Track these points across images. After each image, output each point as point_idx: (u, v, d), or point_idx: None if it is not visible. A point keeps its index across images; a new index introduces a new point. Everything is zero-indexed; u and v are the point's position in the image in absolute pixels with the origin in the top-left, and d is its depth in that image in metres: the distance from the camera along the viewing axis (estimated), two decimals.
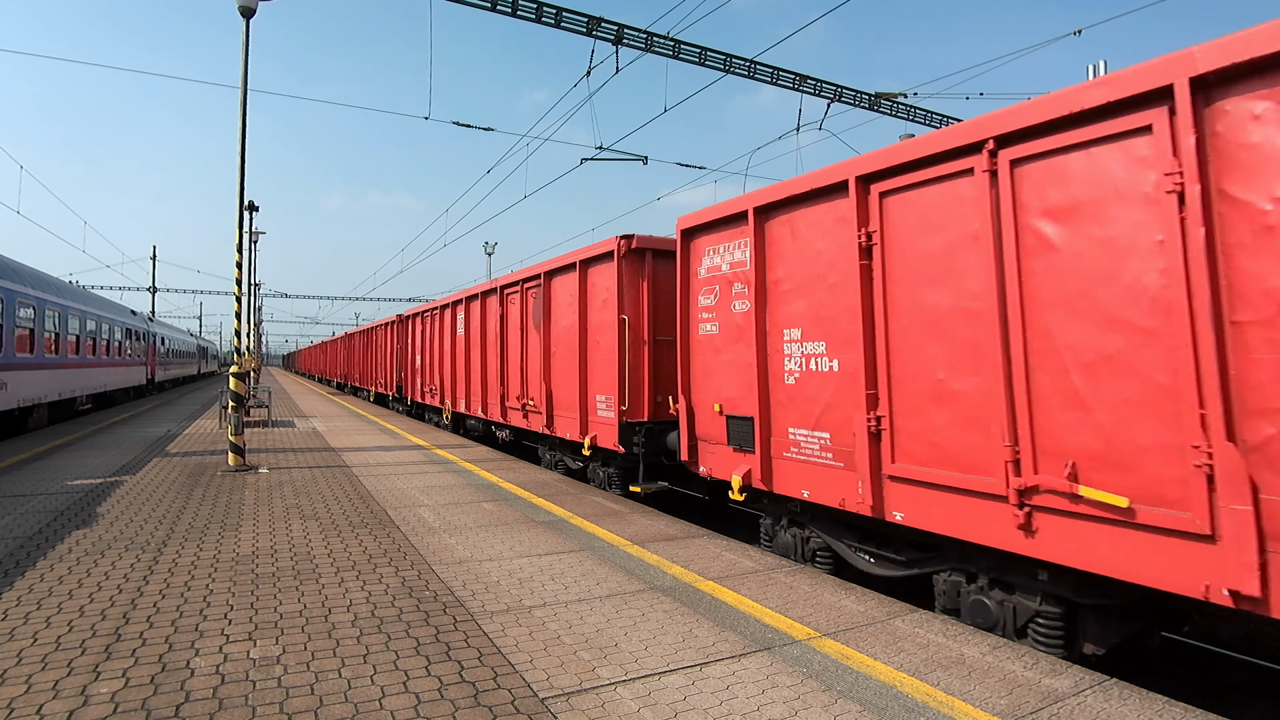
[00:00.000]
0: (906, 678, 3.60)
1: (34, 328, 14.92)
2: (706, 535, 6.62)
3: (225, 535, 6.21)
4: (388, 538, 6.22)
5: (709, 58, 14.91)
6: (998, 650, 3.98)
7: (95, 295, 22.30)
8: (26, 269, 15.37)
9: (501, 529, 6.66)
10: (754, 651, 3.90)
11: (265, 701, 3.20)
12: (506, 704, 3.22)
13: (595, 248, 9.13)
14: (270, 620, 4.21)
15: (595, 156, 15.44)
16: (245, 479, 9.13)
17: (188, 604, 4.47)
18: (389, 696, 3.27)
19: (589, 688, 3.41)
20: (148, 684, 3.36)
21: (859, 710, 3.24)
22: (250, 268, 26.26)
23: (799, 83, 16.53)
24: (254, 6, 10.46)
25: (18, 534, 6.13)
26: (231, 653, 3.73)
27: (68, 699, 3.20)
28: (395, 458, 11.59)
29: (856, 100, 17.36)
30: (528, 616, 4.36)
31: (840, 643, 4.04)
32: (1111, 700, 3.37)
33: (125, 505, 7.37)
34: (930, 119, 19.01)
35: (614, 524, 6.97)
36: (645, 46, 13.80)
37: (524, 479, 9.64)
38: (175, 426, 16.13)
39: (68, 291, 18.24)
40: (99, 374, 20.72)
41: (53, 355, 16.27)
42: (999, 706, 3.31)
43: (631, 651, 3.85)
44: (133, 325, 26.03)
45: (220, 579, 4.99)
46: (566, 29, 13.27)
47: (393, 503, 7.78)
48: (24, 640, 3.85)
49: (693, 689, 3.42)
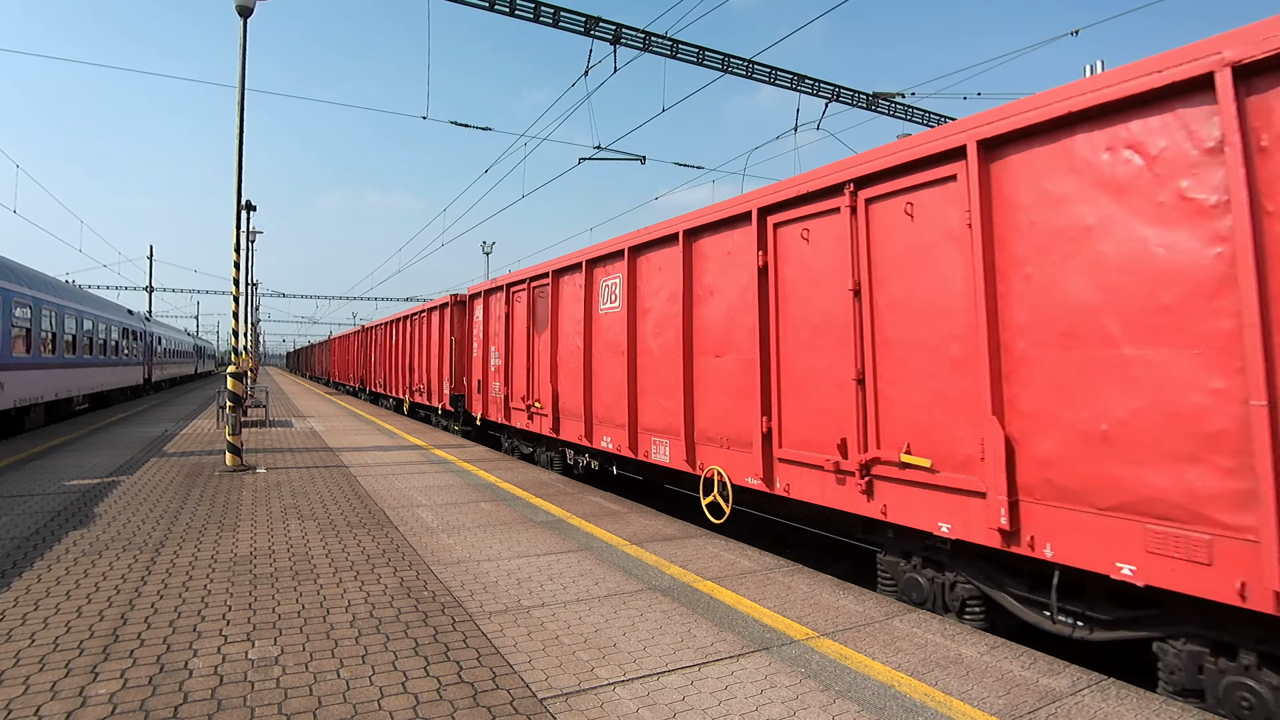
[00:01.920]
0: (904, 677, 3.60)
1: (30, 327, 14.88)
2: (704, 535, 6.63)
3: (223, 535, 6.20)
4: (386, 538, 6.22)
5: (707, 57, 14.91)
6: (995, 650, 3.99)
7: (92, 295, 22.24)
8: (23, 268, 15.32)
9: (500, 529, 6.66)
10: (752, 651, 3.90)
11: (264, 702, 3.20)
12: (505, 704, 3.22)
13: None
14: (268, 621, 4.20)
15: (593, 156, 15.44)
16: (243, 479, 9.12)
17: (185, 605, 4.46)
18: (388, 697, 3.27)
19: (587, 688, 3.41)
20: (146, 685, 3.35)
21: (857, 710, 3.25)
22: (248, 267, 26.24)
23: (796, 82, 16.54)
24: (251, 5, 10.44)
25: (15, 534, 6.12)
26: (230, 654, 3.73)
27: (65, 700, 3.19)
28: (393, 458, 11.58)
29: (854, 100, 17.38)
30: (526, 617, 4.37)
31: (838, 643, 4.05)
32: (1109, 700, 3.38)
33: (123, 505, 7.36)
34: (928, 119, 19.03)
35: (612, 524, 6.97)
36: (643, 46, 13.80)
37: (522, 479, 9.64)
38: (172, 426, 16.10)
39: (64, 291, 18.20)
40: (96, 374, 20.67)
41: (49, 355, 16.23)
42: (997, 706, 3.32)
43: (630, 652, 3.86)
44: (129, 325, 25.97)
45: (218, 579, 4.98)
46: (564, 28, 13.27)
47: (391, 503, 7.78)
48: (21, 641, 3.84)
49: (691, 689, 3.43)
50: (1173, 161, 3.51)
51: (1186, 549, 3.40)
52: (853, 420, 5.21)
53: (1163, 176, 3.55)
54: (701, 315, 7.11)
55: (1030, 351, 4.11)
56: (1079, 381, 3.86)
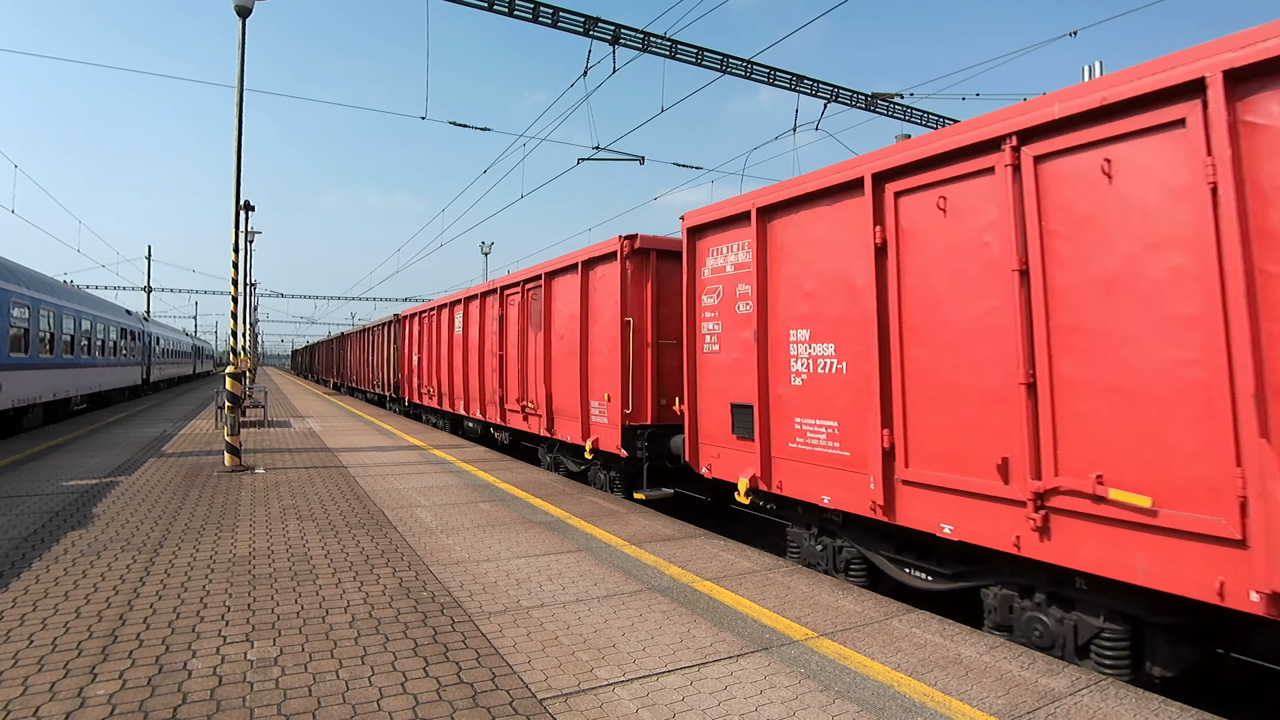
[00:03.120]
0: (904, 678, 3.61)
1: (28, 328, 14.85)
2: (704, 535, 6.63)
3: (222, 536, 6.19)
4: (385, 539, 6.21)
5: (705, 58, 14.91)
6: (995, 650, 3.99)
7: (90, 295, 22.20)
8: (21, 268, 15.30)
9: (499, 530, 6.66)
10: (752, 652, 3.90)
11: (263, 703, 3.20)
12: (504, 705, 3.22)
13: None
14: (267, 622, 4.20)
15: (592, 156, 15.44)
16: (241, 479, 9.11)
17: (184, 605, 4.45)
18: (387, 698, 3.27)
19: (587, 688, 3.41)
20: (145, 686, 3.35)
21: (857, 710, 3.25)
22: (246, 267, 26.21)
23: (795, 83, 16.54)
24: (250, 5, 10.43)
25: (13, 535, 6.11)
26: (229, 654, 3.72)
27: (64, 701, 3.19)
28: (392, 458, 11.57)
29: (853, 100, 17.38)
30: (525, 617, 4.36)
31: (838, 643, 4.05)
32: (1108, 700, 3.38)
33: (121, 506, 7.35)
34: (926, 119, 19.04)
35: (611, 524, 6.97)
36: (642, 46, 13.80)
37: (521, 479, 9.63)
38: (171, 427, 16.08)
39: (62, 291, 18.17)
40: (94, 374, 20.64)
41: (47, 355, 16.20)
42: (996, 706, 3.32)
43: (629, 652, 3.86)
44: (128, 325, 25.94)
45: (217, 580, 4.98)
46: (563, 29, 13.26)
47: (390, 503, 7.77)
48: (20, 642, 3.83)
49: (691, 689, 3.43)
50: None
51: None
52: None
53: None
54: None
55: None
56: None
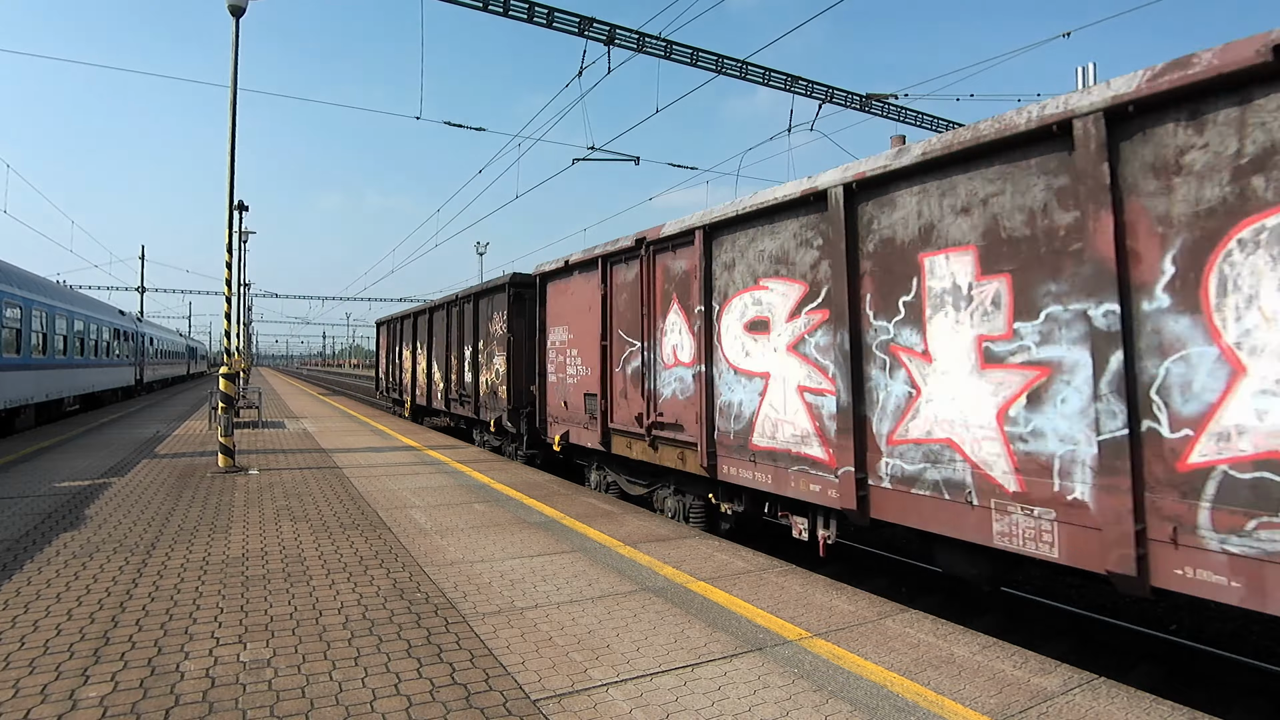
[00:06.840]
0: (897, 677, 3.62)
1: (20, 328, 14.77)
2: (698, 536, 6.63)
3: (215, 537, 6.17)
4: (379, 539, 6.20)
5: (700, 58, 14.92)
6: (988, 649, 4.01)
7: (83, 295, 22.10)
8: (13, 269, 15.21)
9: (493, 530, 6.65)
10: (746, 652, 3.91)
11: (256, 705, 3.19)
12: (498, 706, 3.22)
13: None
14: (260, 623, 4.19)
15: (587, 157, 15.43)
16: (235, 480, 9.07)
17: (177, 607, 4.44)
18: (380, 699, 3.26)
19: (581, 689, 3.41)
20: (137, 688, 3.33)
21: (850, 710, 3.26)
22: (240, 267, 26.10)
23: (790, 83, 16.57)
24: (244, 5, 10.40)
25: (4, 537, 6.07)
26: (221, 656, 3.71)
27: (56, 703, 3.17)
28: (386, 459, 11.54)
29: (848, 101, 17.42)
30: (519, 618, 4.36)
31: (831, 643, 4.06)
32: (1100, 699, 3.40)
33: (114, 507, 7.32)
34: (921, 120, 19.10)
35: (606, 525, 6.97)
36: (637, 47, 13.80)
37: (516, 480, 9.63)
38: (164, 428, 16.01)
39: (55, 291, 18.07)
40: (87, 375, 20.54)
41: (40, 356, 16.11)
42: (989, 705, 3.34)
43: (623, 652, 3.86)
44: (121, 325, 25.81)
45: (210, 581, 4.96)
46: (558, 29, 13.26)
47: (384, 504, 7.75)
48: (11, 644, 3.81)
49: (684, 690, 3.43)
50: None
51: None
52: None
53: None
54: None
55: None
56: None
